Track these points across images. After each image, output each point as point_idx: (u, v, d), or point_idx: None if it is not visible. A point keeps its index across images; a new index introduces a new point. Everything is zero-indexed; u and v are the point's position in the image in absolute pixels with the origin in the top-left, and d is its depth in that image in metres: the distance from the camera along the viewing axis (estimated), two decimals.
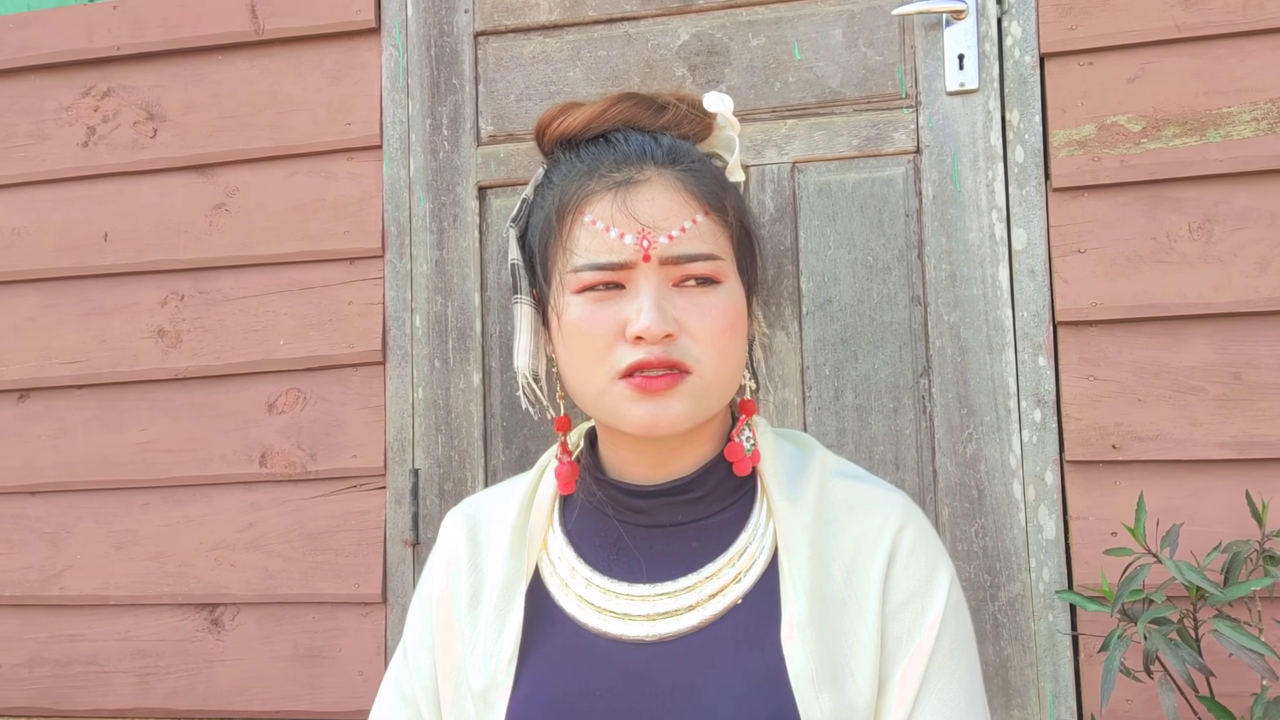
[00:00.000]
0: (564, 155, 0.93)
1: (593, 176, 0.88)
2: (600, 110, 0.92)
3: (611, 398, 0.86)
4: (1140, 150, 1.56)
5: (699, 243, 0.87)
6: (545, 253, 0.90)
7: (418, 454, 1.80)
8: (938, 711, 0.84)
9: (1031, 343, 1.58)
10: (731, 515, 0.91)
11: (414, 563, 1.78)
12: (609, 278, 0.86)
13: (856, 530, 0.89)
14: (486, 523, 0.98)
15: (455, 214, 1.81)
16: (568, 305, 0.87)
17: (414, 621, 0.98)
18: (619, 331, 0.85)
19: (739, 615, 0.87)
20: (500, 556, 0.93)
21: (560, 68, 1.80)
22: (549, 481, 0.97)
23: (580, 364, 0.87)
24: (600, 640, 0.88)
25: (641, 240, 0.85)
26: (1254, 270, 1.51)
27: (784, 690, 0.83)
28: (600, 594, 0.90)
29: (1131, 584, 1.33)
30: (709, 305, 0.87)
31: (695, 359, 0.85)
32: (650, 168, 0.88)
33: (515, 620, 0.90)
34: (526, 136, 1.80)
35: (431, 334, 1.80)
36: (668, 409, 0.84)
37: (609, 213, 0.86)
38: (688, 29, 1.75)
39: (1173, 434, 1.52)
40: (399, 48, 1.86)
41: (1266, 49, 1.53)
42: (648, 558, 0.90)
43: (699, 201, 0.88)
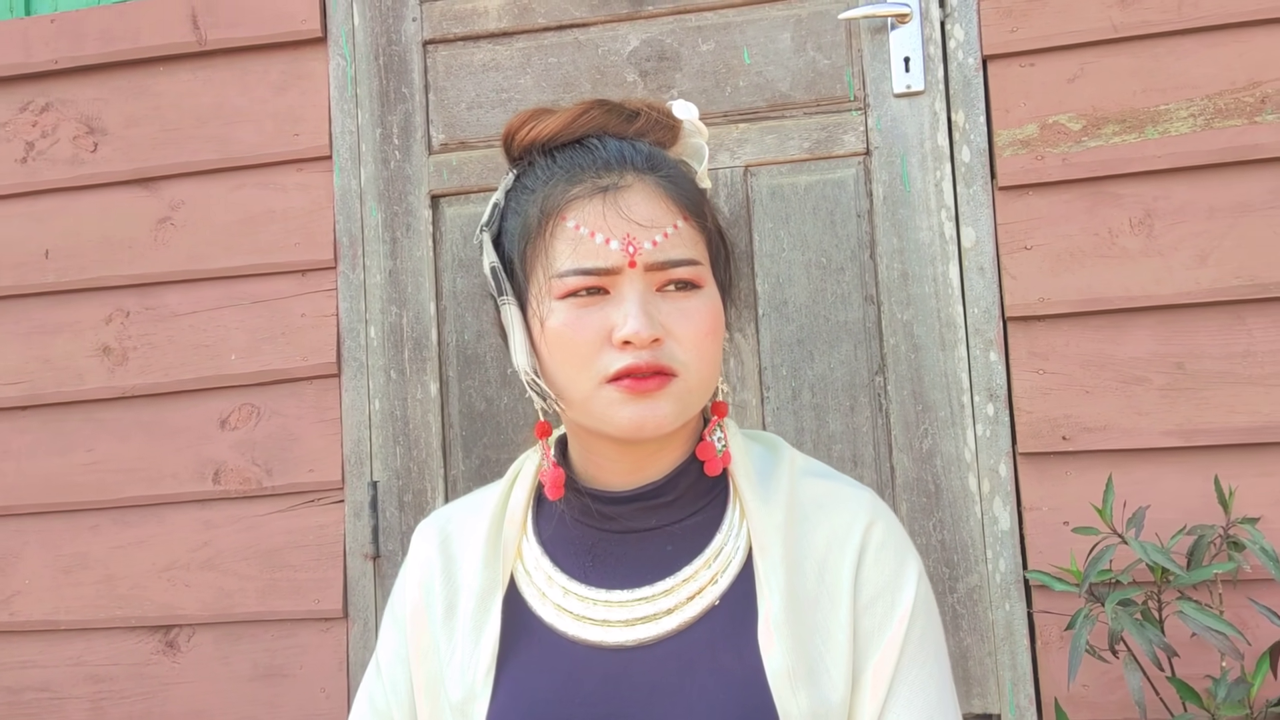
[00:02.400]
0: (538, 159, 0.93)
1: (574, 182, 0.88)
2: (573, 117, 0.91)
3: (599, 401, 0.86)
4: (1081, 148, 1.60)
5: (681, 248, 0.87)
6: (525, 258, 0.90)
7: (376, 466, 1.78)
8: (909, 702, 0.85)
9: (982, 338, 1.61)
10: (705, 518, 0.92)
11: (375, 576, 1.76)
12: (594, 283, 0.86)
13: (827, 528, 0.90)
14: (458, 534, 0.97)
15: (408, 223, 1.80)
16: (551, 311, 0.87)
17: (387, 636, 0.97)
18: (605, 337, 0.85)
19: (716, 617, 0.87)
20: (474, 567, 0.93)
21: (511, 75, 1.79)
22: (521, 490, 0.97)
23: (566, 369, 0.87)
24: (579, 647, 0.88)
25: (627, 246, 0.85)
26: (1193, 263, 1.56)
27: (762, 689, 0.84)
28: (578, 601, 0.89)
29: (1099, 564, 1.36)
30: (692, 310, 0.87)
31: (681, 363, 0.86)
32: (630, 174, 0.88)
33: (492, 630, 0.90)
34: (479, 144, 1.80)
35: (387, 344, 1.79)
36: (656, 410, 0.85)
37: (593, 218, 0.86)
38: (638, 35, 1.76)
39: (1120, 424, 1.56)
40: (346, 57, 1.84)
41: (1202, 47, 1.58)
42: (623, 563, 0.90)
43: (679, 207, 0.89)
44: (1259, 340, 1.54)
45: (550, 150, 0.92)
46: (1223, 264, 1.55)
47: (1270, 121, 1.55)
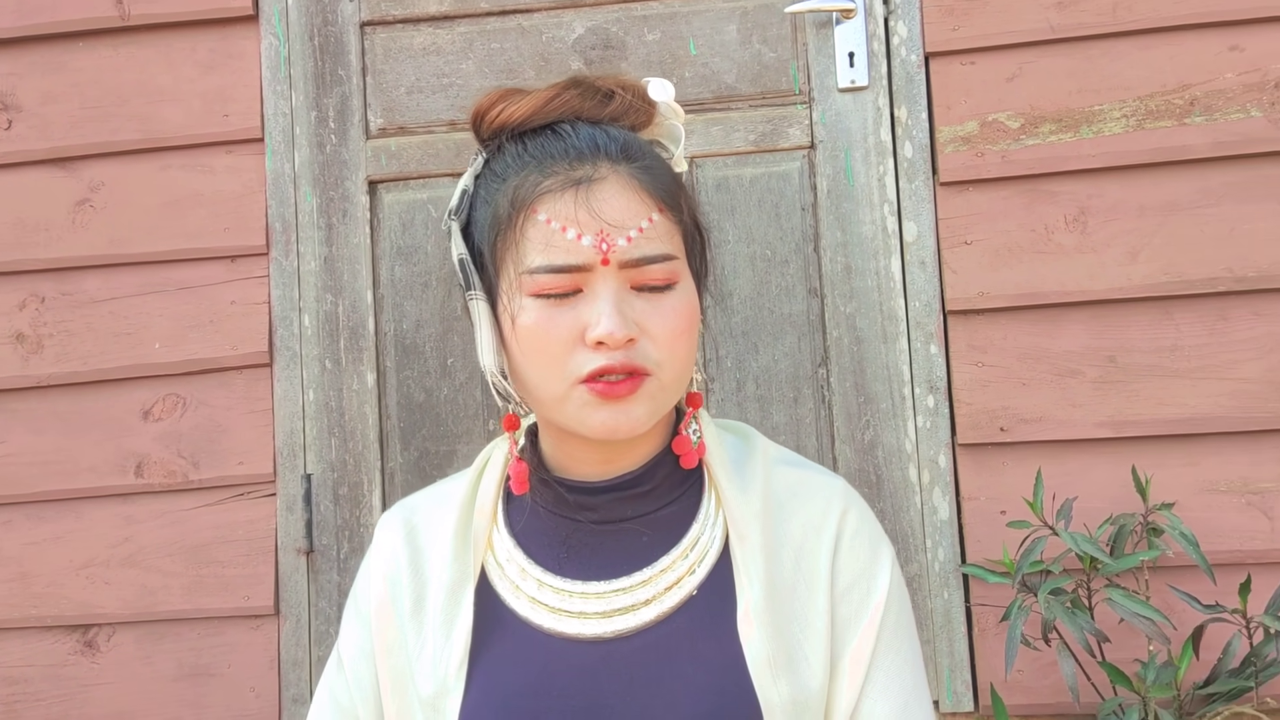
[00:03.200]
0: (508, 145, 0.89)
1: (545, 172, 0.85)
2: (545, 100, 0.88)
3: (571, 403, 0.84)
4: (1020, 146, 1.63)
5: (656, 243, 0.85)
6: (495, 250, 0.87)
7: (310, 458, 1.73)
8: (886, 688, 0.86)
9: (923, 331, 1.63)
10: (679, 507, 0.91)
11: (309, 572, 1.71)
12: (566, 282, 0.83)
13: (802, 516, 0.90)
14: (425, 526, 0.94)
15: (345, 209, 1.75)
16: (522, 308, 0.84)
17: (350, 631, 0.94)
18: (578, 336, 0.83)
19: (695, 606, 0.86)
20: (443, 560, 0.90)
21: (452, 60, 1.76)
22: (490, 481, 0.94)
23: (537, 368, 0.85)
24: (554, 640, 0.86)
25: (600, 243, 0.82)
26: (1125, 259, 1.61)
27: (743, 677, 0.83)
28: (553, 594, 0.88)
29: (1030, 556, 1.40)
30: (667, 307, 0.85)
31: (655, 362, 0.84)
32: (604, 164, 0.85)
33: (464, 623, 0.87)
34: (419, 130, 1.76)
35: (322, 334, 1.74)
36: (629, 414, 0.83)
37: (565, 212, 0.83)
38: (582, 22, 1.74)
39: (1055, 415, 1.60)
40: (279, 37, 1.78)
41: (1134, 49, 1.63)
42: (599, 554, 0.89)
43: (654, 200, 0.86)
44: (1186, 335, 1.59)
45: (521, 135, 0.89)
46: (1152, 261, 1.60)
47: (1198, 124, 1.60)
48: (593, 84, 0.89)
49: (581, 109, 0.89)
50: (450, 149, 1.74)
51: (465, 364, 1.72)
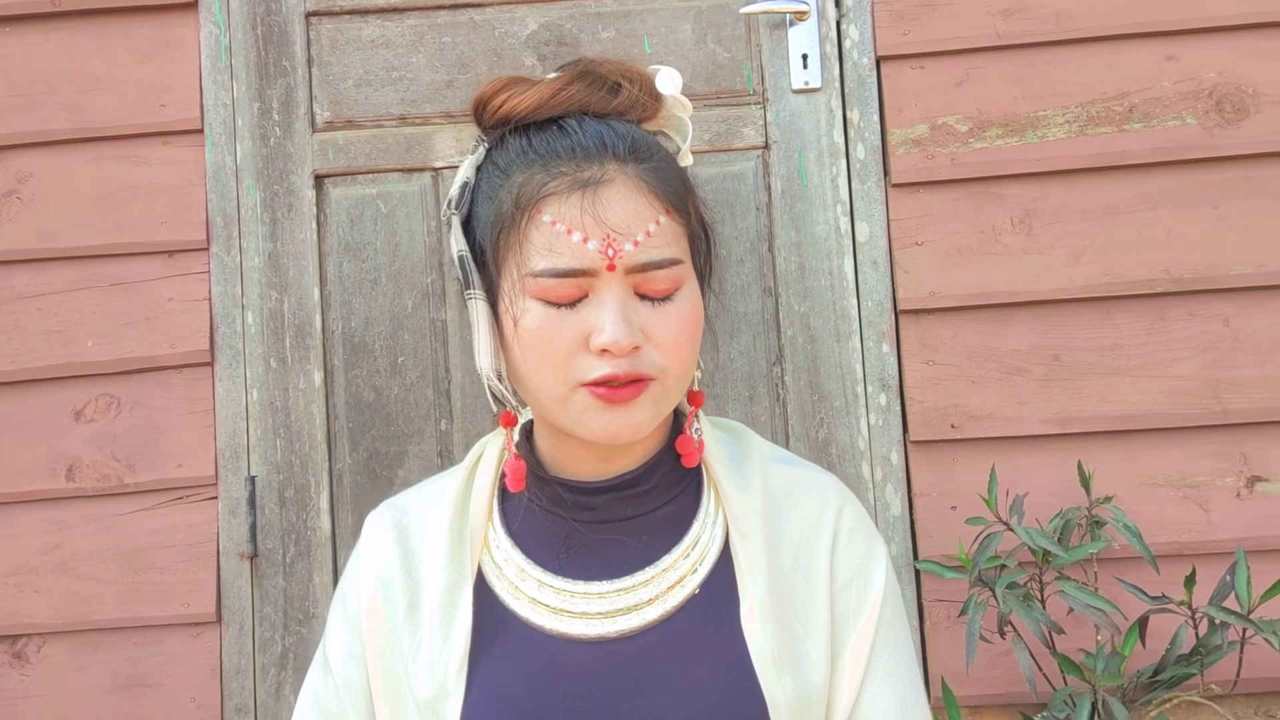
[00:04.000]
0: (511, 138, 0.87)
1: (550, 171, 0.83)
2: (551, 93, 0.86)
3: (573, 407, 0.83)
4: (968, 149, 1.67)
5: (662, 247, 0.83)
6: (497, 248, 0.85)
7: (253, 460, 1.68)
8: (885, 682, 0.87)
9: (876, 330, 1.66)
10: (678, 506, 0.90)
11: (253, 577, 1.66)
12: (571, 286, 0.81)
13: (799, 514, 0.90)
14: (417, 526, 0.92)
15: (290, 204, 1.71)
16: (525, 310, 0.82)
17: (337, 635, 0.91)
18: (582, 341, 0.81)
19: (698, 605, 0.86)
20: (438, 560, 0.88)
21: (402, 53, 1.73)
22: (484, 479, 0.92)
23: (539, 371, 0.83)
24: (556, 641, 0.85)
25: (606, 249, 0.80)
26: (1068, 261, 1.65)
27: (748, 674, 0.83)
28: (554, 594, 0.86)
29: (986, 551, 1.43)
30: (673, 313, 0.84)
31: (659, 368, 0.83)
32: (611, 164, 0.83)
33: (463, 625, 0.85)
34: (368, 124, 1.72)
35: (266, 331, 1.69)
36: (631, 419, 0.82)
37: (570, 215, 0.81)
38: (536, 18, 1.72)
39: (1003, 412, 1.64)
40: (220, 25, 1.73)
41: (1076, 57, 1.67)
42: (599, 554, 0.88)
43: (661, 202, 0.84)
44: (1125, 334, 1.64)
45: (524, 127, 0.87)
46: (1094, 262, 1.65)
47: (1137, 130, 1.66)
48: (600, 75, 0.87)
49: (587, 102, 0.87)
50: (401, 144, 1.70)
51: (416, 362, 1.68)
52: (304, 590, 1.66)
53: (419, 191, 1.71)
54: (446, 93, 1.72)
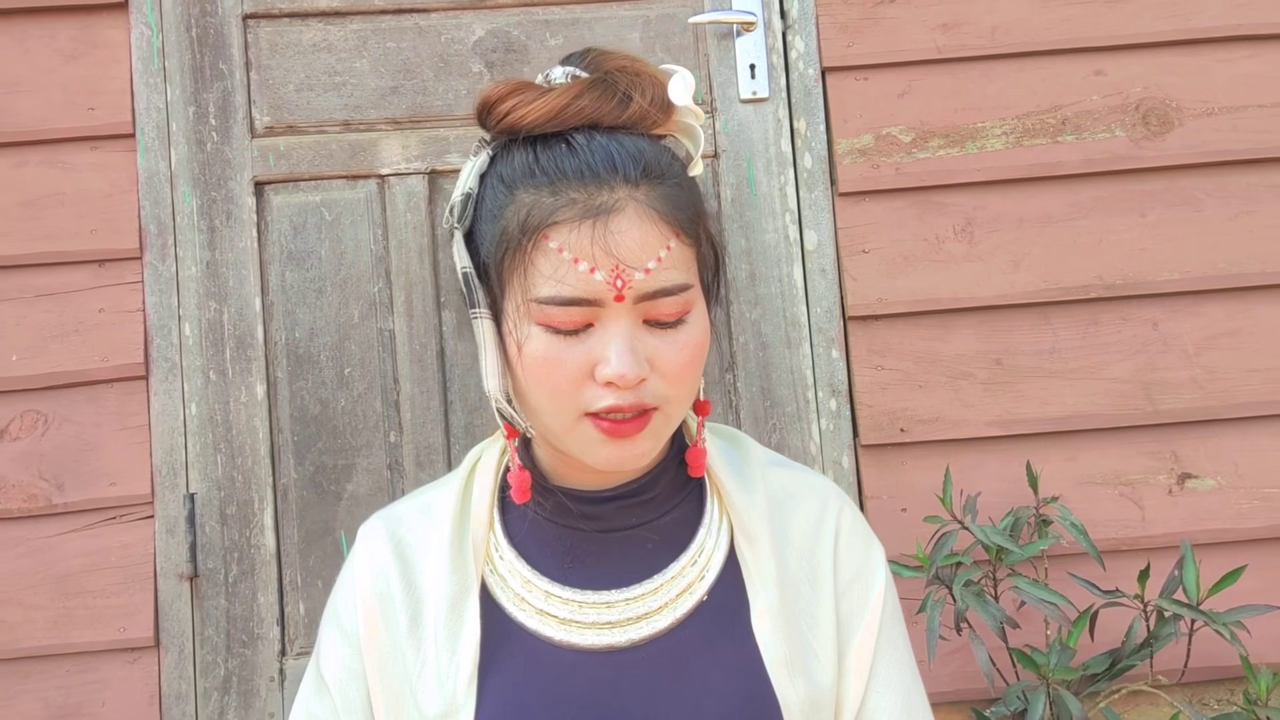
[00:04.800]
0: (517, 150, 0.84)
1: (558, 194, 0.80)
2: (561, 105, 0.82)
3: (577, 436, 0.81)
4: (911, 159, 1.71)
5: (672, 274, 0.81)
6: (501, 268, 0.82)
7: (192, 477, 1.62)
8: (889, 681, 0.88)
9: (825, 337, 1.68)
10: (682, 512, 0.90)
11: (193, 598, 1.60)
12: (577, 315, 0.79)
13: (800, 516, 0.91)
14: (414, 538, 0.89)
15: (229, 211, 1.65)
16: (530, 336, 0.80)
17: (333, 651, 0.88)
18: (587, 371, 0.80)
19: (707, 611, 0.86)
20: (440, 573, 0.86)
21: (345, 58, 1.69)
22: (483, 489, 0.90)
23: (543, 397, 0.81)
24: (566, 652, 0.84)
25: (615, 280, 0.78)
26: (1008, 268, 1.70)
27: (762, 678, 0.83)
28: (562, 605, 0.85)
29: (943, 550, 1.46)
30: (680, 342, 0.82)
31: (663, 398, 0.81)
32: (622, 188, 0.80)
33: (470, 637, 0.83)
34: (310, 129, 1.68)
35: (205, 343, 1.63)
36: (634, 449, 0.81)
37: (579, 245, 0.78)
38: (483, 25, 1.70)
39: (949, 415, 1.68)
40: (152, 26, 1.67)
41: (1011, 71, 1.73)
42: (605, 563, 0.86)
43: (671, 227, 0.81)
44: (1063, 338, 1.70)
45: (531, 139, 0.83)
46: (1032, 269, 1.70)
47: (1069, 142, 1.72)
48: (611, 84, 0.84)
49: (598, 115, 0.83)
50: (345, 150, 1.67)
51: (363, 373, 1.65)
52: (248, 611, 1.60)
53: (365, 199, 1.67)
54: (392, 99, 1.68)
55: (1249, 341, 1.71)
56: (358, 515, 1.63)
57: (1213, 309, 1.71)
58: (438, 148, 1.68)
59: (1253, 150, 1.73)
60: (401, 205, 1.66)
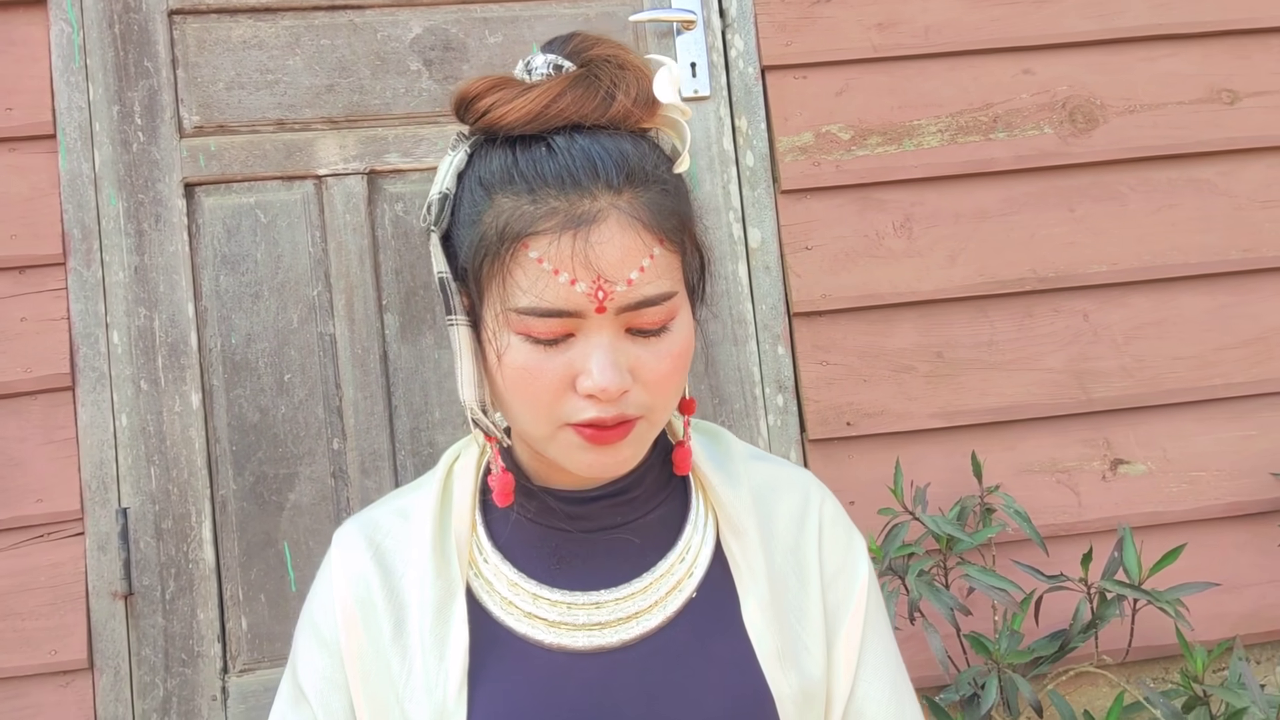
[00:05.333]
0: (494, 150, 0.81)
1: (538, 202, 0.77)
2: (542, 106, 0.79)
3: (558, 444, 0.80)
4: (851, 156, 1.73)
5: (656, 282, 0.78)
6: (480, 274, 0.79)
7: (125, 491, 1.55)
8: (877, 670, 0.88)
9: (771, 334, 1.69)
10: (668, 509, 0.89)
11: (129, 617, 1.53)
12: (557, 326, 0.77)
13: (784, 509, 0.91)
14: (392, 544, 0.87)
15: (157, 214, 1.59)
16: (509, 345, 0.78)
17: (312, 663, 0.85)
18: (568, 382, 0.78)
19: (697, 607, 0.85)
20: (423, 578, 0.83)
21: (277, 55, 1.64)
22: (463, 491, 0.88)
23: (523, 407, 0.79)
24: (557, 655, 0.82)
25: (597, 291, 0.75)
26: (946, 262, 1.74)
27: (756, 672, 0.82)
28: (550, 607, 0.83)
29: (896, 541, 1.48)
30: (663, 350, 0.79)
31: (647, 407, 0.80)
32: (604, 195, 0.77)
33: (459, 642, 0.81)
34: (242, 129, 1.63)
35: (135, 351, 1.57)
36: (616, 455, 0.80)
37: (559, 256, 0.75)
38: (420, 22, 1.67)
39: (894, 409, 1.70)
40: (72, 23, 1.60)
41: (944, 70, 1.77)
42: (591, 563, 0.85)
43: (655, 235, 0.78)
44: (999, 331, 1.74)
45: (510, 139, 0.80)
46: (969, 264, 1.74)
47: (1001, 139, 1.76)
48: (595, 79, 0.80)
49: (580, 115, 0.80)
50: (280, 150, 1.62)
51: (304, 379, 1.60)
52: (187, 628, 1.55)
53: (301, 200, 1.63)
54: (328, 97, 1.64)
55: (1173, 331, 1.77)
56: (301, 526, 1.58)
57: (1139, 300, 1.77)
58: (377, 147, 1.64)
59: (1172, 146, 1.79)
60: (340, 206, 1.63)
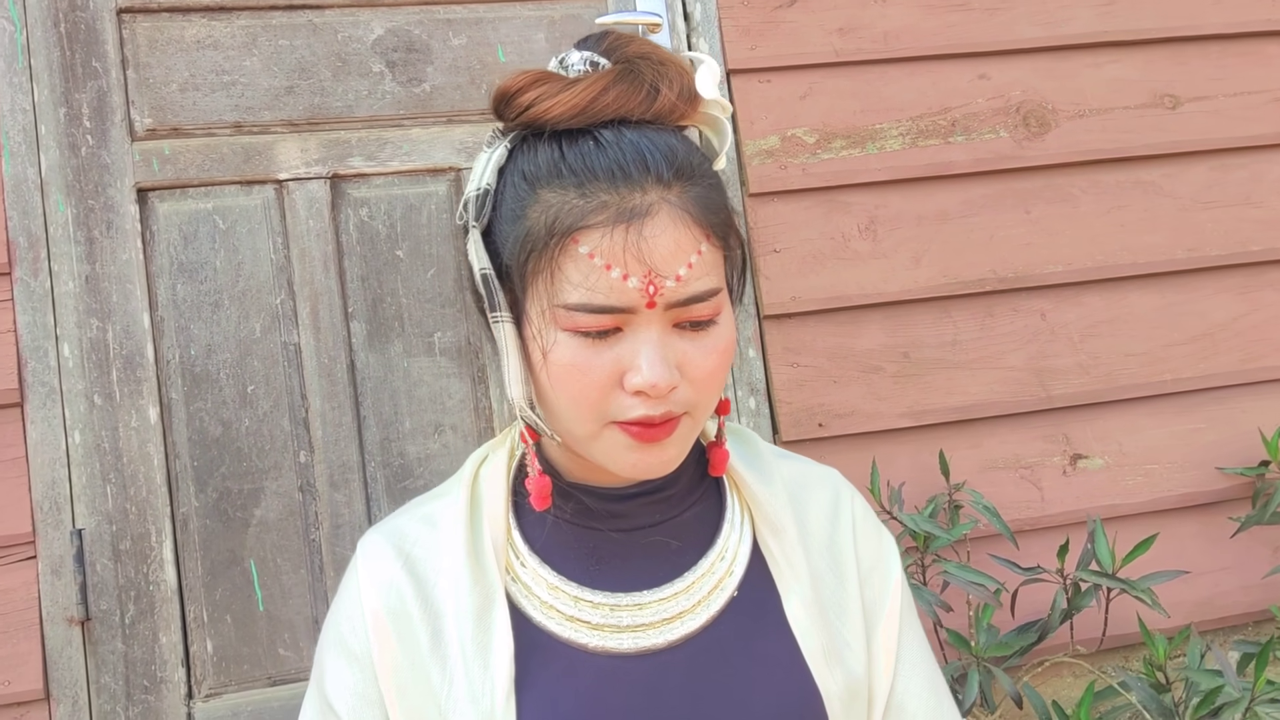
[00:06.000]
0: (541, 145, 0.79)
1: (587, 197, 0.75)
2: (589, 99, 0.78)
3: (603, 443, 0.78)
4: (817, 160, 1.75)
5: (703, 279, 0.77)
6: (524, 271, 0.78)
7: (79, 511, 1.48)
8: (915, 665, 0.88)
9: (742, 336, 1.69)
10: (703, 507, 0.88)
11: (86, 643, 1.46)
12: (607, 321, 0.76)
13: (815, 506, 0.90)
14: (422, 553, 0.84)
15: (109, 220, 1.52)
16: (556, 342, 0.77)
17: (342, 678, 0.81)
18: (615, 379, 0.77)
19: (739, 606, 0.84)
20: (459, 586, 0.81)
21: (234, 56, 1.59)
22: (494, 495, 0.85)
23: (569, 406, 0.78)
24: (601, 659, 0.80)
25: (648, 286, 0.75)
26: (910, 264, 1.76)
27: (803, 671, 0.82)
28: (593, 609, 0.81)
29: None
30: (709, 346, 0.79)
31: (691, 404, 0.79)
32: (654, 189, 0.76)
33: (503, 649, 0.79)
34: (198, 132, 1.57)
35: (88, 364, 1.50)
36: (662, 455, 0.79)
37: (611, 251, 0.74)
38: (381, 23, 1.64)
39: (864, 409, 1.72)
40: (15, 21, 1.52)
41: (904, 75, 1.79)
42: (630, 564, 0.83)
43: (702, 229, 0.78)
44: (963, 330, 1.77)
45: (557, 136, 0.79)
46: (932, 265, 1.77)
47: (959, 143, 1.79)
48: (638, 73, 0.80)
49: (626, 109, 0.79)
50: (238, 154, 1.57)
51: (268, 391, 1.55)
52: (148, 653, 1.48)
53: (262, 205, 1.57)
54: (287, 99, 1.59)
55: (1125, 329, 1.82)
56: (268, 542, 1.53)
57: (1093, 299, 1.82)
58: (340, 151, 1.60)
59: (1120, 149, 1.85)
60: (303, 212, 1.58)
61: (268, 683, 1.51)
